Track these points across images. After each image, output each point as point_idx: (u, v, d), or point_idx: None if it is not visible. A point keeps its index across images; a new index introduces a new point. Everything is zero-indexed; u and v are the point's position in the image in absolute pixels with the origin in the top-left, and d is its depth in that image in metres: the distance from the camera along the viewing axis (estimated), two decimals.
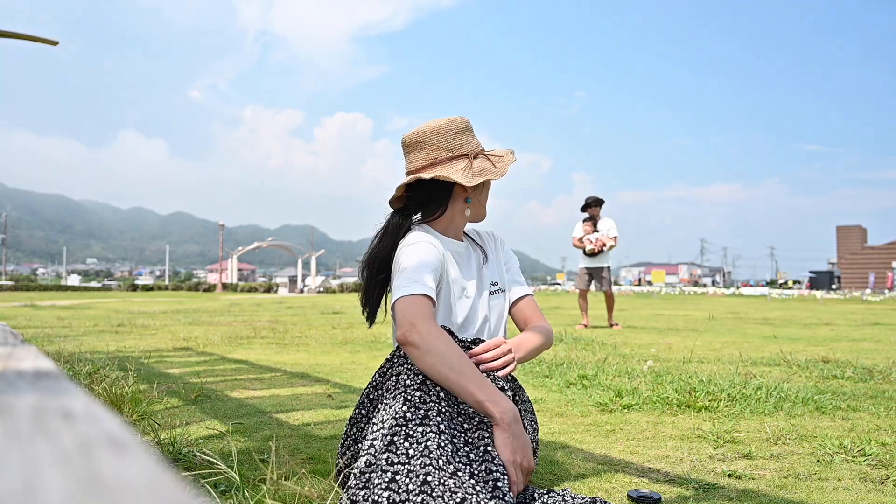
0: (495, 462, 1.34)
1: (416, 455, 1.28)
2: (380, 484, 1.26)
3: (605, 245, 7.69)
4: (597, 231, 7.81)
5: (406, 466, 1.27)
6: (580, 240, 7.90)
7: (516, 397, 1.60)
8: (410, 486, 1.24)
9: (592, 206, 7.90)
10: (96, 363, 3.61)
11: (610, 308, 7.77)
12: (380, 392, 1.51)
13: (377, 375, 1.55)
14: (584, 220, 7.96)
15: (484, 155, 1.73)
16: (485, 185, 1.80)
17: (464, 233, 1.86)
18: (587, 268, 7.86)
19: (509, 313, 1.84)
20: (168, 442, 1.99)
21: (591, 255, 7.77)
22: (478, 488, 1.27)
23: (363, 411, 1.54)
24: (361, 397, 1.57)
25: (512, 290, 1.85)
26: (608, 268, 7.77)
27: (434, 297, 1.52)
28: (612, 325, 7.64)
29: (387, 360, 1.55)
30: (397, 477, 1.26)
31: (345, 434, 1.57)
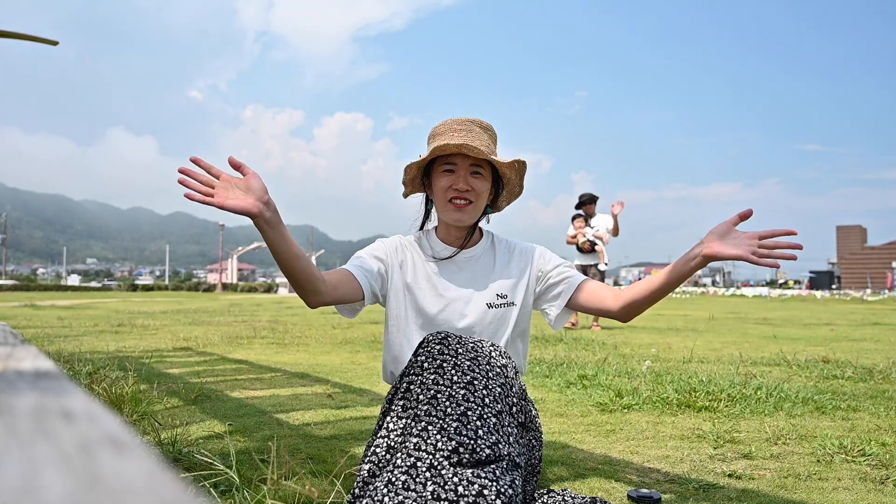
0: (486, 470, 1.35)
1: (402, 466, 1.32)
2: (382, 489, 1.31)
3: (601, 239, 7.61)
4: (590, 227, 7.75)
5: (395, 473, 1.32)
6: (574, 236, 7.84)
7: (525, 418, 1.59)
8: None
9: (588, 203, 7.84)
10: (96, 363, 3.62)
11: None
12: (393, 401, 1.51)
13: (400, 384, 1.52)
14: (575, 217, 7.90)
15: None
16: (436, 183, 1.69)
17: (493, 241, 1.81)
18: (579, 265, 7.82)
19: (576, 304, 1.71)
20: (168, 442, 1.99)
21: (584, 251, 7.72)
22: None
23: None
24: (384, 407, 1.55)
25: (570, 276, 1.72)
26: (597, 264, 7.63)
27: (352, 269, 1.64)
28: (592, 326, 7.50)
29: (404, 369, 1.52)
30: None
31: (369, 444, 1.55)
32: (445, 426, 1.34)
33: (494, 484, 1.27)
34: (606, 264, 7.69)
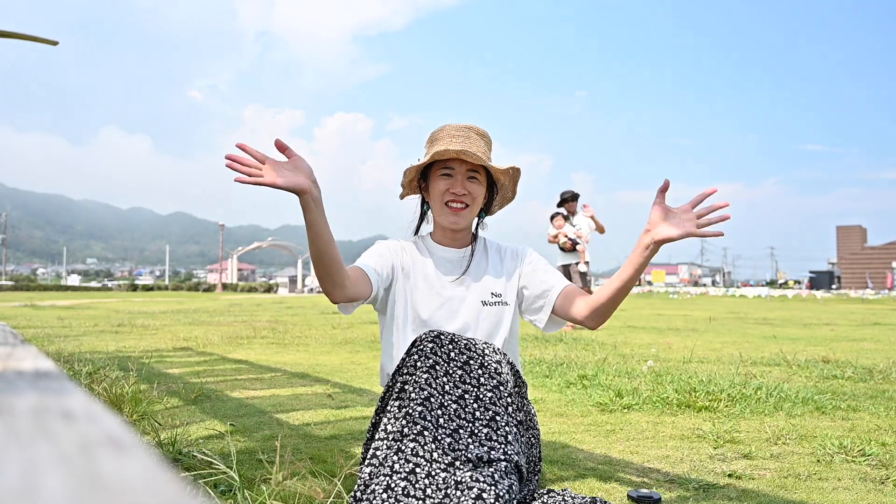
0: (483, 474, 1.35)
1: (400, 472, 1.33)
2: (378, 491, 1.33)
3: (581, 238, 7.46)
4: (571, 225, 7.61)
5: (393, 478, 1.33)
6: (555, 236, 7.70)
7: (524, 415, 1.59)
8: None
9: (570, 200, 7.70)
10: (96, 363, 3.62)
11: None
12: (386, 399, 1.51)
13: (394, 384, 1.53)
14: (554, 216, 7.75)
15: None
16: (434, 186, 1.73)
17: (485, 244, 1.86)
18: (561, 265, 7.68)
19: (558, 310, 1.72)
20: (168, 442, 1.99)
21: (566, 250, 7.60)
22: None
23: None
24: (378, 406, 1.57)
25: (551, 287, 1.74)
26: (578, 263, 7.50)
27: (364, 267, 1.67)
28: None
29: (396, 367, 1.53)
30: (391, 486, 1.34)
31: (366, 441, 1.58)
32: (439, 438, 1.36)
33: (493, 488, 1.28)
34: (587, 263, 7.63)
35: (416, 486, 1.30)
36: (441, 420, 1.39)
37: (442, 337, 1.50)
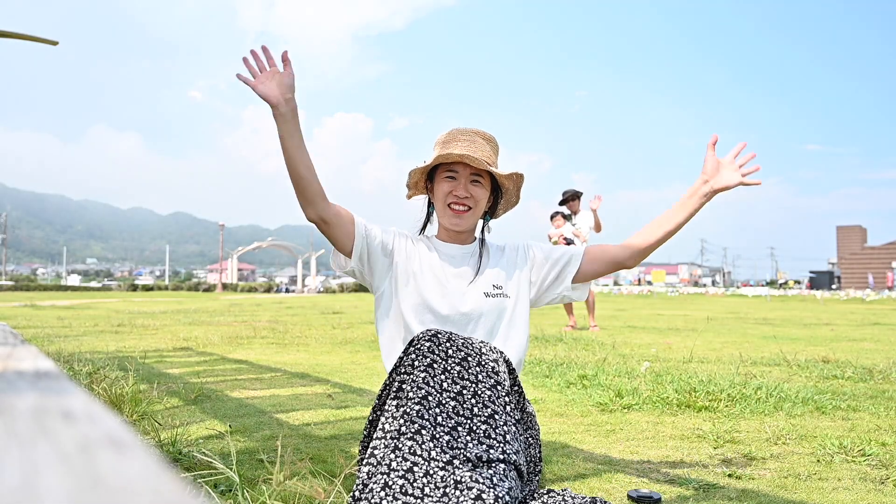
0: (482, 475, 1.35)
1: (398, 470, 1.33)
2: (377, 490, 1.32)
3: (577, 237, 7.36)
4: (572, 224, 7.52)
5: (391, 476, 1.33)
6: (550, 235, 7.67)
7: (522, 414, 1.60)
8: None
9: (571, 199, 7.59)
10: (96, 363, 3.61)
11: (590, 308, 7.48)
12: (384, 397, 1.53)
13: (392, 383, 1.55)
14: (554, 215, 7.67)
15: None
16: (438, 188, 1.78)
17: (485, 244, 1.89)
18: None
19: (588, 272, 1.82)
20: (168, 442, 1.99)
21: None
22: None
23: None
24: (375, 404, 1.59)
25: (570, 261, 1.82)
26: None
27: (356, 218, 1.72)
28: (591, 327, 7.29)
29: (394, 366, 1.54)
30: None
31: (363, 439, 1.61)
32: (437, 436, 1.36)
33: (492, 490, 1.28)
34: None
35: (414, 484, 1.30)
36: (439, 418, 1.39)
37: (439, 336, 1.51)
